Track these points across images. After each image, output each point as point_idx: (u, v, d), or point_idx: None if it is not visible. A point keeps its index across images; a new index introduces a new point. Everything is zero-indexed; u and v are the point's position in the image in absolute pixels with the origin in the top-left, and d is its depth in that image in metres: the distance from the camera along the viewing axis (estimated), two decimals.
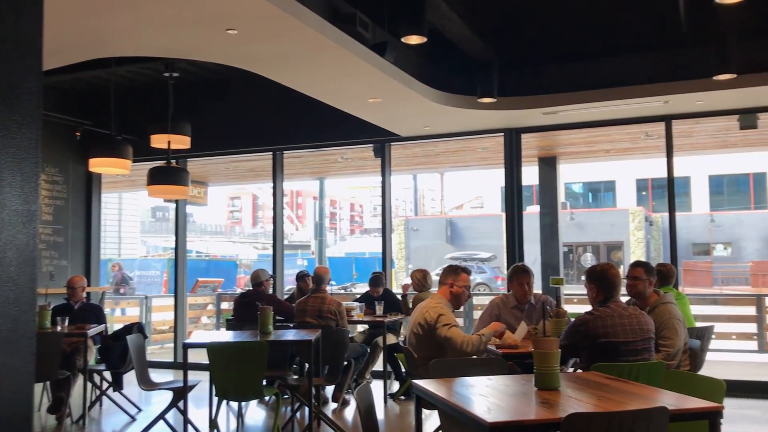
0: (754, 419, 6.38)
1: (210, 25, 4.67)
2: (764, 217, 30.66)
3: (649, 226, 29.95)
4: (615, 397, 2.87)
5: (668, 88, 6.54)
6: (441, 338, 4.49)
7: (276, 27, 4.67)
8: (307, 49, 5.18)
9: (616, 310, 3.86)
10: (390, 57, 5.69)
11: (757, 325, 9.39)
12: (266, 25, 4.63)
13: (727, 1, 4.33)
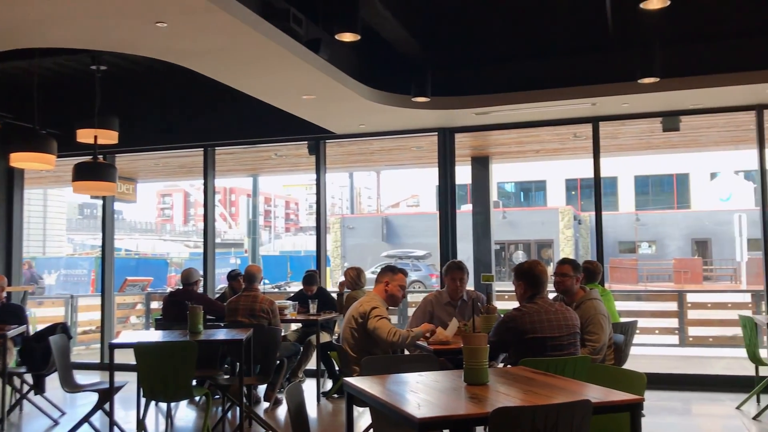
0: (674, 410, 6.64)
1: (138, 18, 4.54)
2: (686, 216, 31.96)
3: (578, 225, 30.81)
4: (541, 391, 2.93)
5: (595, 90, 6.73)
6: (370, 330, 4.51)
7: (207, 21, 4.58)
8: (239, 45, 5.10)
9: (543, 306, 3.95)
10: (324, 54, 5.67)
11: (678, 320, 9.77)
12: (197, 19, 4.54)
13: (651, 7, 4.49)
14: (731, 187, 30.86)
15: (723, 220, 27.49)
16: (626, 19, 6.01)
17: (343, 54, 6.24)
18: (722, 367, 8.28)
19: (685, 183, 34.71)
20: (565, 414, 2.52)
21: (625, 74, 6.26)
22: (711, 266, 29.55)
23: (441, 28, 7.02)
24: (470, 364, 3.03)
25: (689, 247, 30.91)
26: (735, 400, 6.47)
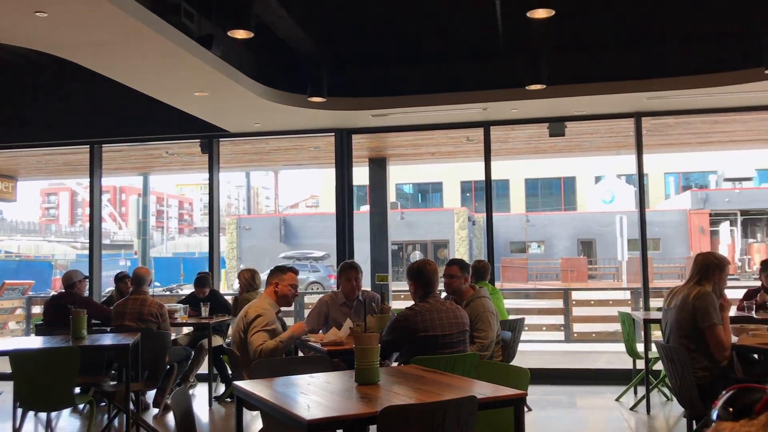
0: (559, 404, 6.93)
1: (16, 6, 4.28)
2: (573, 217, 33.48)
3: (472, 226, 31.65)
4: (431, 389, 2.99)
5: (486, 95, 6.93)
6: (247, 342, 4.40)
7: (91, 12, 4.37)
8: (126, 38, 4.90)
9: (434, 304, 4.02)
10: (217, 50, 5.55)
11: (564, 316, 10.21)
12: (80, 9, 4.32)
13: (537, 16, 4.67)
14: (614, 190, 32.62)
15: (606, 221, 29.00)
16: (516, 26, 6.22)
17: (237, 51, 6.13)
18: (604, 362, 8.71)
19: (572, 186, 36.39)
20: (452, 410, 2.58)
21: (514, 80, 6.48)
22: (595, 265, 31.11)
23: (338, 29, 7.02)
24: (361, 364, 3.04)
25: (575, 247, 32.40)
26: (615, 392, 6.82)
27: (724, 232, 30.05)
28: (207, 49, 5.43)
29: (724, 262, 4.33)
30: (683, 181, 36.22)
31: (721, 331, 4.12)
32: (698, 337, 4.18)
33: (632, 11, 6.56)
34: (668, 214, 31.50)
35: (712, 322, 4.09)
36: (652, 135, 8.72)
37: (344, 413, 2.61)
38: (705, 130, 8.82)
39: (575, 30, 6.66)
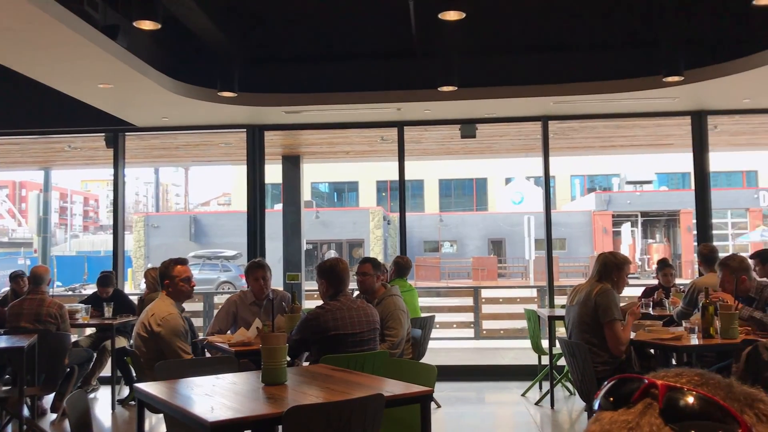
0: (468, 400, 7.06)
1: None
2: (484, 217, 34.25)
3: (387, 225, 31.88)
4: (339, 388, 2.98)
5: (400, 96, 6.97)
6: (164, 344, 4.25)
7: None
8: (23, 25, 4.64)
9: (345, 303, 4.02)
10: (122, 41, 5.34)
11: (474, 314, 10.42)
12: None
13: (449, 18, 4.73)
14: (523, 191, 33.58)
15: (515, 221, 29.83)
16: (429, 28, 6.29)
17: (144, 43, 5.92)
18: (511, 358, 8.94)
19: (483, 187, 37.21)
20: (358, 409, 2.57)
21: (426, 81, 6.55)
22: (505, 264, 31.92)
23: (251, 24, 6.90)
24: (268, 364, 3.00)
25: (486, 247, 33.16)
26: (521, 387, 7.02)
27: (625, 233, 31.48)
28: (112, 39, 5.22)
29: (623, 262, 4.53)
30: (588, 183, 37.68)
31: (620, 327, 4.31)
32: (600, 332, 4.35)
33: (541, 18, 6.76)
34: (574, 215, 32.71)
35: (612, 317, 4.28)
36: (559, 138, 9.01)
37: (249, 414, 2.56)
38: (608, 134, 9.19)
39: (486, 34, 6.80)
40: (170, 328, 4.19)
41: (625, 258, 4.66)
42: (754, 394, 0.70)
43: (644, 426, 0.67)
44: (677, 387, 0.68)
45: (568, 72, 6.85)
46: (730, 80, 6.30)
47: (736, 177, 34.24)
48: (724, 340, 4.26)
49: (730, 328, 4.25)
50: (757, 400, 0.69)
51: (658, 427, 0.66)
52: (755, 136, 9.71)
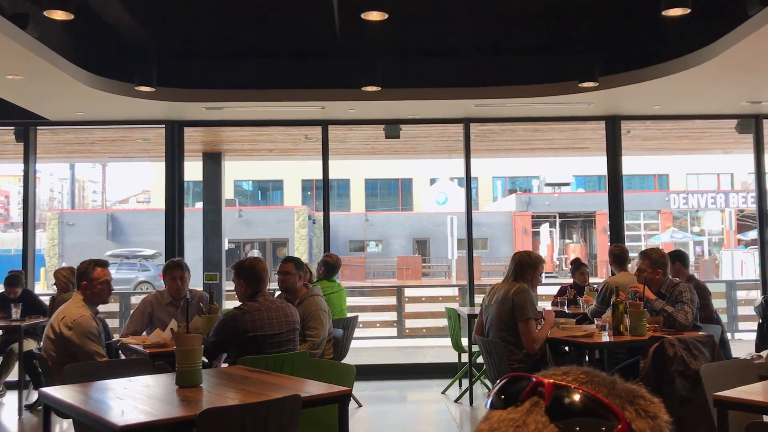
0: (390, 399, 7.10)
1: None
2: (409, 217, 34.56)
3: (313, 224, 31.72)
4: (255, 389, 2.94)
5: (325, 94, 6.95)
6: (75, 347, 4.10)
7: None
8: None
9: (264, 303, 3.97)
10: (33, 31, 5.11)
11: (397, 313, 10.49)
12: None
13: (371, 18, 4.74)
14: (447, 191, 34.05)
15: (439, 221, 30.23)
16: (353, 26, 6.29)
17: (57, 33, 5.68)
18: (433, 356, 9.05)
19: (408, 187, 37.53)
20: (274, 410, 2.55)
21: (351, 81, 6.54)
22: (429, 263, 32.30)
23: (171, 17, 6.73)
24: (182, 365, 2.93)
25: (411, 246, 33.47)
26: (442, 385, 7.10)
27: (544, 233, 32.38)
28: (21, 28, 4.99)
29: (537, 261, 4.66)
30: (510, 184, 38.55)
31: (534, 326, 4.43)
32: (516, 330, 4.46)
33: (463, 21, 6.86)
34: (495, 215, 33.40)
35: (527, 316, 4.39)
36: (480, 140, 9.18)
37: (161, 417, 2.50)
38: (527, 137, 9.43)
39: (410, 35, 6.85)
40: (82, 330, 4.05)
41: (539, 257, 4.80)
42: (635, 391, 0.72)
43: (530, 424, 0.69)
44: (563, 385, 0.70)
45: (488, 75, 6.99)
46: (641, 87, 6.56)
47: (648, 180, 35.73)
48: (633, 337, 4.43)
49: (639, 325, 4.42)
50: (638, 397, 0.72)
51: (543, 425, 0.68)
52: (665, 141, 10.16)
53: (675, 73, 6.13)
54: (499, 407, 0.72)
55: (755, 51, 5.50)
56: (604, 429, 0.67)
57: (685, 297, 4.80)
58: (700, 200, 31.68)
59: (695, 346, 4.10)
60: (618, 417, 0.68)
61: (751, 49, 5.42)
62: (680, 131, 9.12)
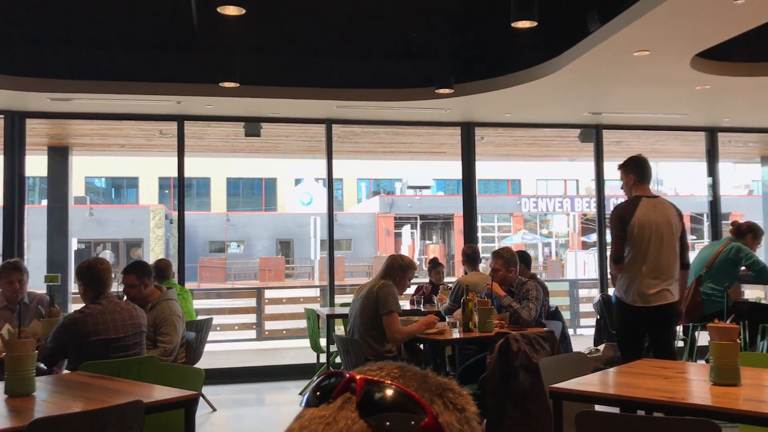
0: (246, 402, 6.98)
1: None
2: (273, 218, 34.17)
3: (170, 224, 30.59)
4: (96, 396, 2.78)
5: (180, 88, 6.70)
6: None
7: None
8: None
9: (107, 306, 3.76)
10: None
11: (256, 315, 10.34)
12: None
13: (228, 13, 4.63)
14: (312, 192, 34.01)
15: (303, 222, 30.12)
16: (211, 20, 6.12)
17: None
18: (292, 357, 8.98)
19: (273, 187, 37.12)
20: (114, 417, 2.42)
21: (208, 76, 6.36)
22: (292, 265, 32.10)
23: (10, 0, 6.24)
24: (12, 374, 2.72)
25: (274, 247, 33.11)
26: (300, 386, 7.07)
27: (405, 234, 33.16)
28: None
29: (408, 266, 4.81)
30: (374, 186, 39.12)
31: (396, 318, 4.56)
32: (379, 324, 4.55)
33: (325, 22, 6.88)
34: (359, 216, 33.78)
35: (389, 309, 4.51)
36: (342, 141, 9.24)
37: None
38: (388, 140, 9.61)
39: (271, 33, 6.77)
40: None
41: (411, 262, 4.93)
42: (445, 384, 0.74)
43: (340, 420, 0.68)
44: (375, 380, 0.71)
45: (350, 77, 7.04)
46: (493, 95, 6.87)
47: (503, 185, 37.53)
48: (482, 333, 4.63)
49: (487, 321, 4.62)
50: (447, 390, 0.73)
51: (353, 421, 0.68)
52: (516, 148, 10.71)
53: (524, 83, 6.47)
54: (313, 405, 0.71)
55: (595, 65, 5.92)
56: (413, 423, 0.68)
57: (532, 295, 5.09)
58: (548, 204, 33.69)
59: (537, 341, 4.34)
60: (426, 410, 0.69)
61: (592, 63, 5.83)
62: (529, 138, 9.64)
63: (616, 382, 2.98)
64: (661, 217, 4.56)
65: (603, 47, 5.39)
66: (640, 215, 4.54)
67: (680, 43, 5.35)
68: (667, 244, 4.55)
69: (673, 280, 4.58)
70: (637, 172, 4.65)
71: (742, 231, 6.06)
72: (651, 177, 4.79)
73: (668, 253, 4.55)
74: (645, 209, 4.56)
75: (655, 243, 4.52)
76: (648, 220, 4.53)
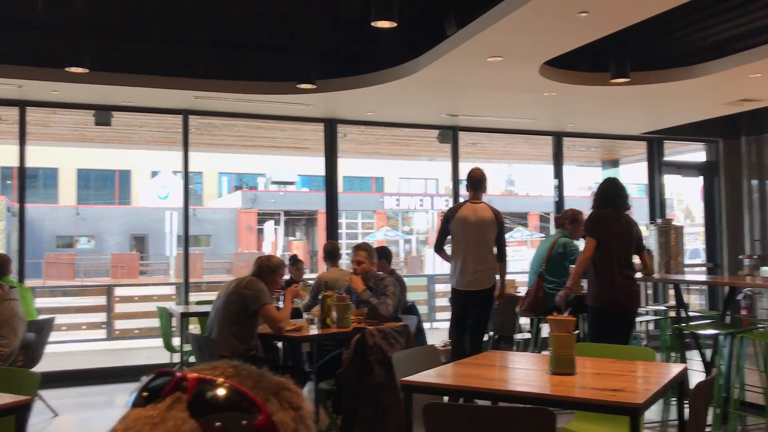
0: (93, 405, 6.63)
1: None
2: (127, 212, 32.59)
3: (12, 217, 28.35)
4: None
5: (22, 72, 6.24)
6: None
7: None
8: None
9: None
10: None
11: (106, 314, 9.82)
12: None
13: None
14: (169, 186, 32.77)
15: (159, 217, 28.92)
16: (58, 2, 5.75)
17: None
18: (144, 357, 8.61)
19: (127, 179, 35.39)
20: None
21: (53, 60, 5.96)
22: (147, 261, 30.78)
23: None
24: None
25: (128, 243, 31.59)
26: None
27: (268, 231, 32.75)
28: None
29: (276, 267, 4.75)
30: (236, 181, 38.31)
31: (273, 309, 4.49)
32: (243, 321, 4.46)
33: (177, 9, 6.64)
34: (220, 212, 32.97)
35: (263, 302, 4.45)
36: (201, 134, 8.97)
37: None
38: (250, 134, 9.44)
39: (125, 18, 6.46)
40: None
41: (280, 262, 4.87)
42: (282, 383, 0.73)
43: (169, 420, 0.66)
44: (207, 379, 0.69)
45: (209, 68, 6.85)
46: (356, 93, 6.94)
47: (367, 182, 38.01)
48: (339, 329, 4.66)
49: (344, 317, 4.66)
50: (284, 389, 0.73)
51: (183, 421, 0.66)
52: (378, 146, 10.88)
53: (384, 82, 6.58)
54: (140, 405, 0.68)
55: (452, 68, 6.12)
56: (245, 422, 0.66)
57: (389, 290, 5.18)
58: (410, 202, 34.54)
59: (392, 336, 4.43)
60: (260, 409, 0.68)
61: (449, 66, 6.03)
62: (391, 137, 9.83)
63: (464, 374, 3.10)
64: (478, 219, 5.63)
65: (459, 51, 5.58)
66: (460, 216, 5.66)
67: (530, 50, 5.64)
68: (480, 240, 5.61)
69: (487, 269, 5.62)
70: (469, 185, 5.82)
71: (562, 223, 6.46)
72: (482, 187, 5.82)
73: (481, 248, 5.62)
74: (466, 211, 5.68)
75: (471, 239, 5.60)
76: (466, 220, 5.62)
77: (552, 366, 2.84)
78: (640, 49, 6.70)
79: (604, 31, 5.17)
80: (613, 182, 5.30)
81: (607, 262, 4.97)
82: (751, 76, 6.56)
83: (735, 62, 6.25)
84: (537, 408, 2.32)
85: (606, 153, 11.46)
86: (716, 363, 5.14)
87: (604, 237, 4.98)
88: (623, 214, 5.14)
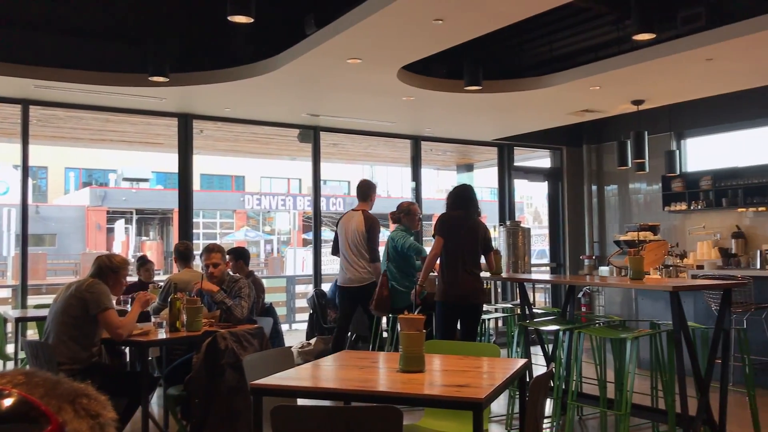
0: None
1: None
2: None
3: None
4: None
5: None
6: None
7: None
8: None
9: None
10: None
11: None
12: None
13: None
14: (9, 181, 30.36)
15: None
16: None
17: None
18: None
19: None
20: None
21: None
22: None
23: None
24: None
25: None
26: None
27: (119, 230, 31.16)
28: None
29: (118, 267, 4.46)
30: (85, 177, 36.15)
31: (114, 314, 4.24)
32: (84, 325, 4.18)
33: None
34: (66, 209, 30.96)
35: (105, 306, 4.22)
36: (43, 126, 8.37)
37: None
38: (98, 127, 8.91)
39: None
40: None
41: (122, 261, 4.57)
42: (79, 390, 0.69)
43: None
44: None
45: (52, 55, 6.40)
46: (212, 88, 6.74)
47: (227, 180, 37.13)
48: (189, 332, 4.49)
49: (195, 321, 4.50)
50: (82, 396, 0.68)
51: None
52: (236, 144, 10.64)
53: (242, 79, 6.44)
54: None
55: (311, 68, 6.09)
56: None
57: (244, 292, 5.07)
58: (272, 202, 34.11)
59: (246, 338, 4.33)
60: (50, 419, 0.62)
61: (308, 65, 6.00)
62: (250, 135, 9.65)
63: (316, 375, 3.08)
64: (350, 225, 6.48)
65: (319, 51, 5.57)
66: (341, 222, 6.61)
67: (388, 54, 5.73)
68: (351, 243, 6.44)
69: (359, 268, 6.41)
70: (357, 194, 6.68)
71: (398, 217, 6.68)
72: (363, 196, 6.60)
73: (352, 249, 6.45)
74: (344, 219, 6.61)
75: (346, 242, 6.49)
76: (343, 227, 6.55)
77: (402, 364, 2.88)
78: (493, 58, 7.01)
79: (457, 39, 5.35)
80: (465, 188, 5.65)
81: (453, 260, 5.33)
82: (592, 89, 7.05)
83: (577, 75, 6.69)
84: (384, 406, 2.34)
85: (461, 158, 11.90)
86: (556, 357, 5.46)
87: (452, 237, 5.29)
88: (472, 216, 5.41)
